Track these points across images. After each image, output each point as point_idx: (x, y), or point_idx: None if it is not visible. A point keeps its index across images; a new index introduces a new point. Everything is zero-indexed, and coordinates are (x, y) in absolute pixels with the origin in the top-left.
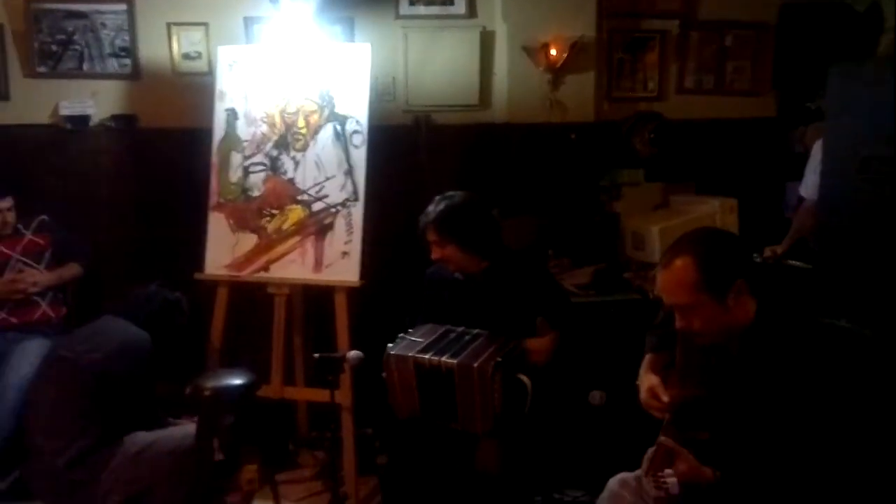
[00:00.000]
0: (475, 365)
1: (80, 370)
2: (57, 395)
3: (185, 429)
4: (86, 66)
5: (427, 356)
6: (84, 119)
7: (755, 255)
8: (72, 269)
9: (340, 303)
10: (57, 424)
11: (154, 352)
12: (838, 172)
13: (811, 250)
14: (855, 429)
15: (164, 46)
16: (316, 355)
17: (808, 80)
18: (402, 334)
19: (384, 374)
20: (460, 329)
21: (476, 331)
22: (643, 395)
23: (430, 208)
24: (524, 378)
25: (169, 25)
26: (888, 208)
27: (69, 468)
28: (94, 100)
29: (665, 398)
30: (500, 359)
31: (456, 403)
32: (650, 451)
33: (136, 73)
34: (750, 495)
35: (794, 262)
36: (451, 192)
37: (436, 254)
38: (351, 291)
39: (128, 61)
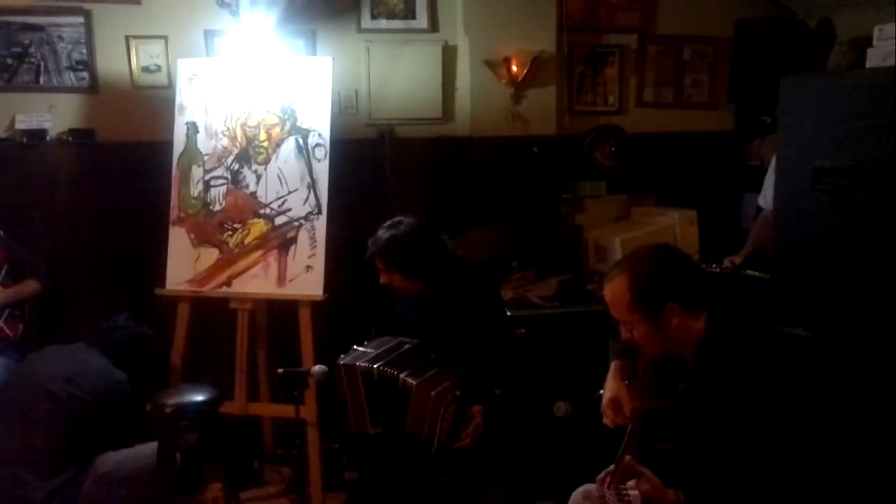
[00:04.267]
0: (433, 393)
1: (65, 407)
2: (41, 431)
3: (154, 446)
4: (42, 80)
5: (376, 366)
6: (41, 133)
7: (714, 265)
8: (29, 286)
9: (304, 317)
10: (36, 459)
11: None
12: (792, 183)
13: (769, 260)
14: (812, 436)
15: (123, 59)
16: (280, 370)
17: (763, 94)
18: (354, 346)
19: (336, 386)
20: (415, 341)
21: (441, 350)
22: (604, 402)
23: (378, 234)
24: (479, 418)
25: (127, 38)
26: (841, 218)
27: (46, 500)
28: (52, 114)
29: (626, 409)
30: (458, 393)
31: (405, 420)
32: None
33: (93, 87)
34: None
35: (752, 272)
36: (398, 219)
37: (383, 279)
38: (315, 305)
39: (85, 75)
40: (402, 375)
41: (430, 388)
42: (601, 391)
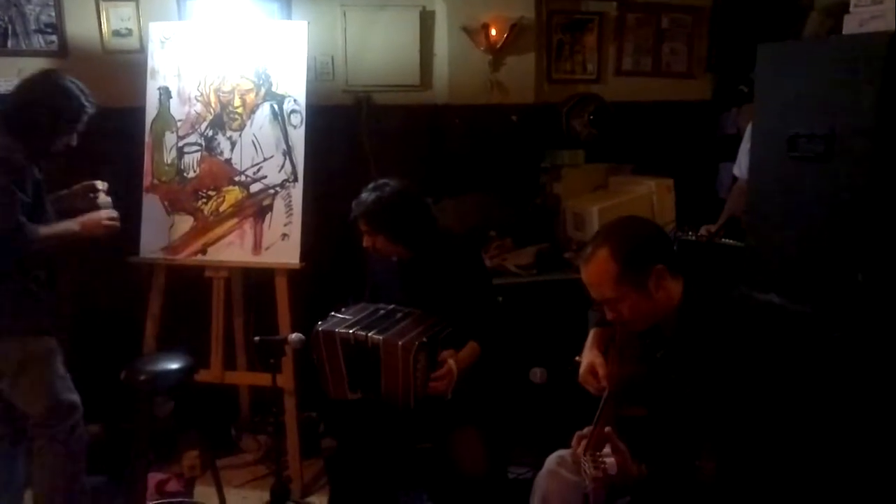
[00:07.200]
0: (400, 343)
1: None
2: None
3: None
4: (10, 43)
5: (352, 331)
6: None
7: (690, 233)
8: None
9: (281, 285)
10: None
11: None
12: (767, 150)
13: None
14: (785, 402)
15: (93, 22)
16: (257, 339)
17: (741, 63)
18: (332, 312)
19: (313, 353)
20: (391, 307)
21: (408, 309)
22: (582, 371)
23: (363, 196)
24: (451, 362)
25: (97, 1)
26: (815, 185)
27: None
28: (20, 78)
29: (602, 375)
30: (425, 339)
31: (380, 379)
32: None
33: (63, 51)
34: (676, 488)
35: (727, 240)
36: (383, 181)
37: (367, 242)
38: (291, 273)
39: (54, 38)
40: (370, 334)
41: (397, 340)
42: (578, 357)
